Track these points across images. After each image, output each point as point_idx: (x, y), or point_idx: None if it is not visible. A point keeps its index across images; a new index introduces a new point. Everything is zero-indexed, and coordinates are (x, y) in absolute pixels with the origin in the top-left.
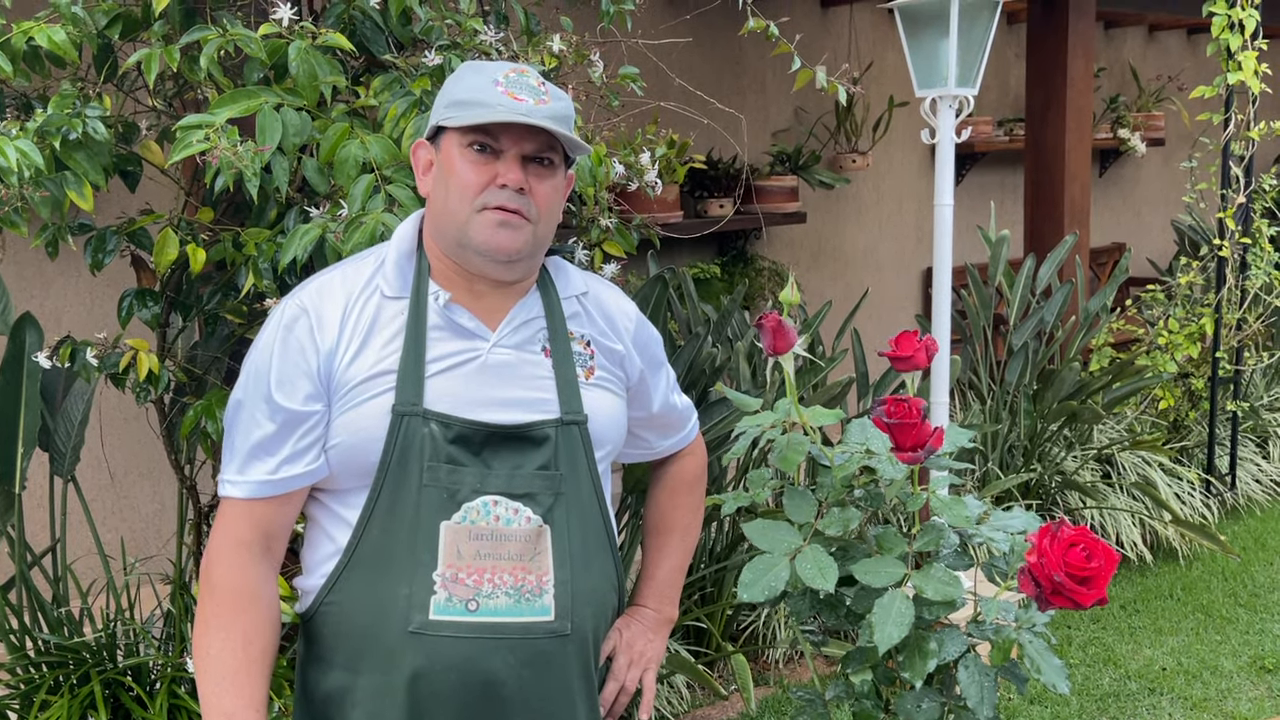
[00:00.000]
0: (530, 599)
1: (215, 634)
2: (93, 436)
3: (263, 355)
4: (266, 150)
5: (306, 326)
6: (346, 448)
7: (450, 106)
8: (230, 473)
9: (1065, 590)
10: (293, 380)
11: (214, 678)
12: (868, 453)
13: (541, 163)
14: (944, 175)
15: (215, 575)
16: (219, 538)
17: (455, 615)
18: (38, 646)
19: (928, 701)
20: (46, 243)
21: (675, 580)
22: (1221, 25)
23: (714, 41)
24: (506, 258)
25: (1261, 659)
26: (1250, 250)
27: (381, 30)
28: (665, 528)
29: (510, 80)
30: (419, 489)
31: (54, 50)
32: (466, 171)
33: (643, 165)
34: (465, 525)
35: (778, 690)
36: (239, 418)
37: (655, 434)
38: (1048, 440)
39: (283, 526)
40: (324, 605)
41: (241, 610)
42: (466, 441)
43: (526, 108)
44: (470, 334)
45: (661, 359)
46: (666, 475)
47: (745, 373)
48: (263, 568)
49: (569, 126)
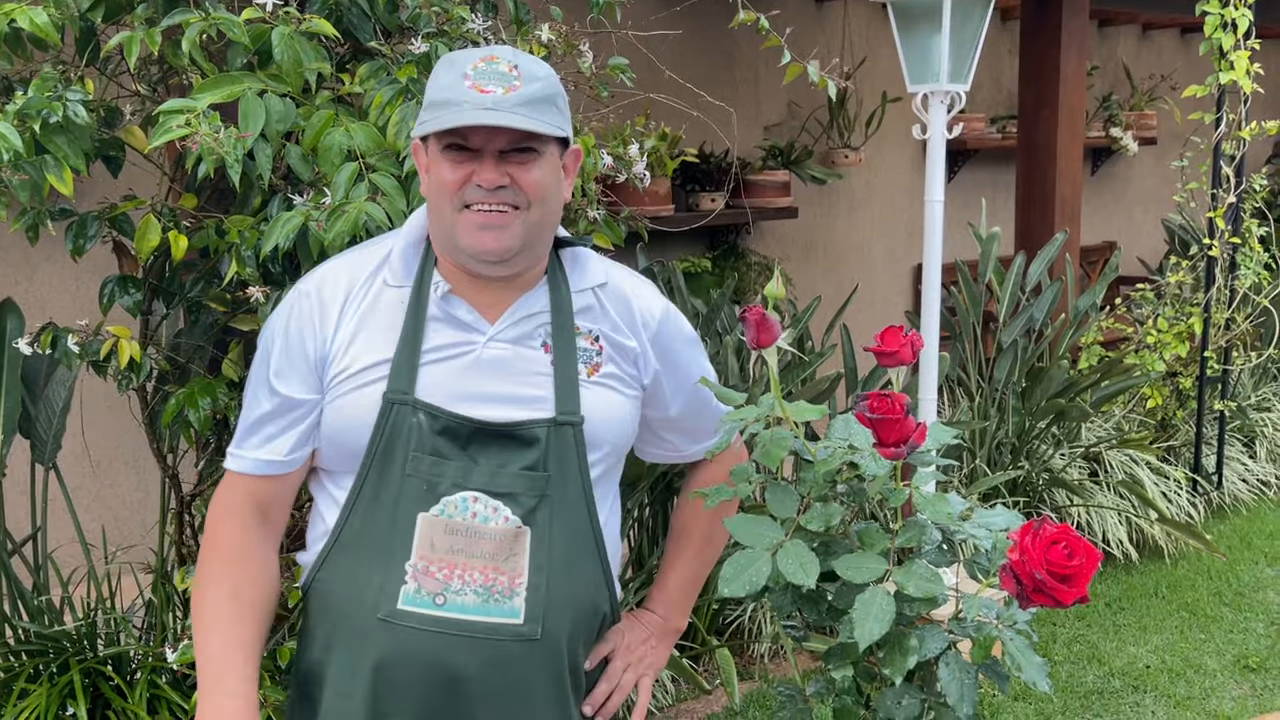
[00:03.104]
0: (499, 600)
1: (209, 586)
2: (76, 424)
3: (270, 337)
4: (249, 136)
5: (308, 310)
6: (337, 431)
7: (427, 109)
8: (233, 444)
9: (1046, 588)
10: (291, 366)
11: (206, 626)
12: (851, 448)
13: (522, 151)
14: (935, 171)
15: (211, 533)
16: (217, 500)
17: (422, 608)
18: (17, 635)
19: (908, 698)
20: (26, 228)
21: (687, 590)
22: (1214, 24)
23: (706, 34)
24: (495, 258)
25: (1245, 658)
26: (1240, 250)
27: (368, 17)
28: (685, 534)
29: (479, 72)
30: (402, 478)
31: (36, 32)
32: (445, 172)
33: (631, 157)
34: (442, 519)
35: (762, 684)
36: (247, 393)
37: (681, 437)
38: (1036, 438)
39: (278, 500)
40: (315, 582)
41: (234, 566)
42: (453, 434)
43: (494, 99)
44: (467, 326)
45: (689, 358)
46: (694, 481)
47: (734, 366)
48: (260, 532)
49: (548, 107)
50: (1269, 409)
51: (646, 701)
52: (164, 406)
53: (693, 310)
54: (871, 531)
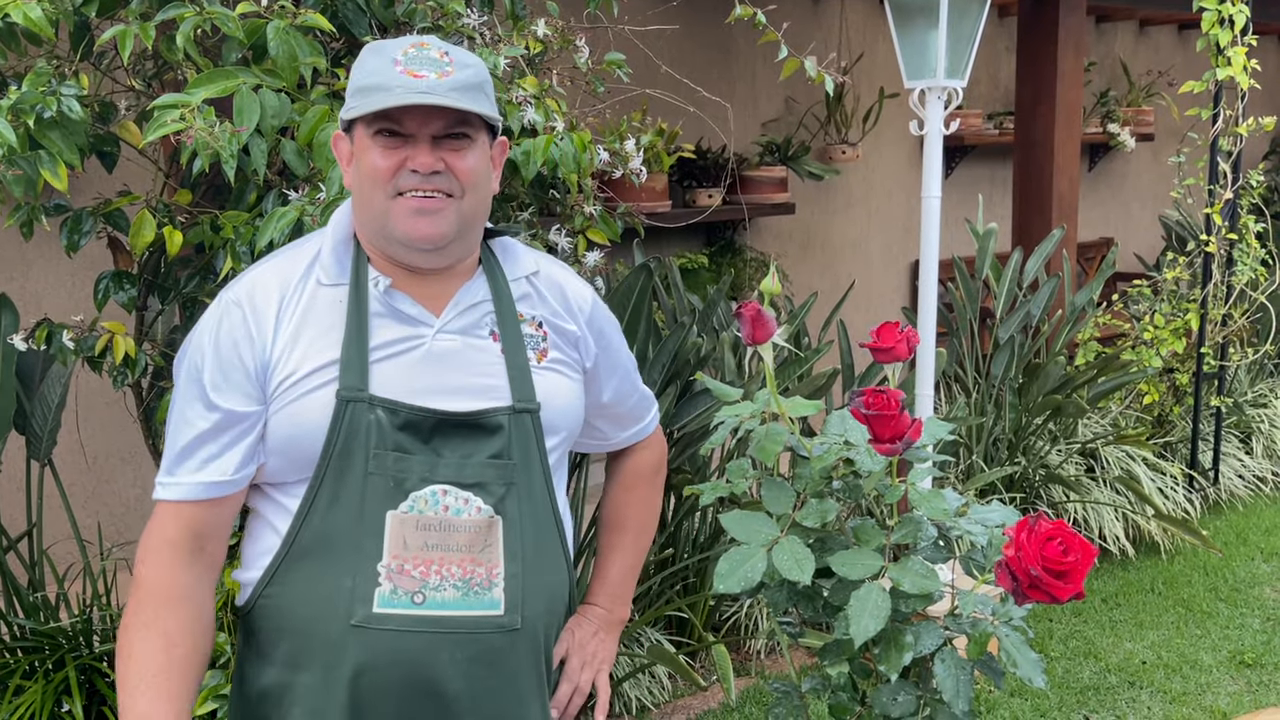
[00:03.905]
0: (479, 592)
1: (136, 633)
2: (72, 420)
3: (197, 353)
4: (244, 131)
5: (240, 320)
6: (288, 440)
7: (353, 95)
8: (161, 474)
9: (1042, 584)
10: (228, 379)
11: (133, 679)
12: (846, 444)
13: (456, 138)
14: (932, 167)
15: (140, 574)
16: (147, 537)
17: (400, 608)
18: (12, 632)
19: (904, 694)
20: (21, 223)
21: (628, 580)
22: (1211, 21)
23: (703, 30)
24: (431, 245)
25: (1241, 654)
26: (1236, 246)
27: (363, 12)
28: (619, 524)
29: (409, 57)
30: (364, 477)
31: (30, 27)
32: (376, 159)
33: (628, 152)
34: (413, 515)
35: (758, 680)
36: (172, 417)
37: (610, 424)
38: (1032, 434)
39: (216, 528)
40: (262, 598)
41: (165, 611)
42: (415, 428)
43: (427, 84)
44: (413, 320)
45: (619, 345)
46: (623, 469)
47: (730, 363)
48: (195, 570)
49: (479, 94)
50: (1265, 405)
51: (606, 696)
52: (159, 403)
53: (689, 306)
54: (867, 528)
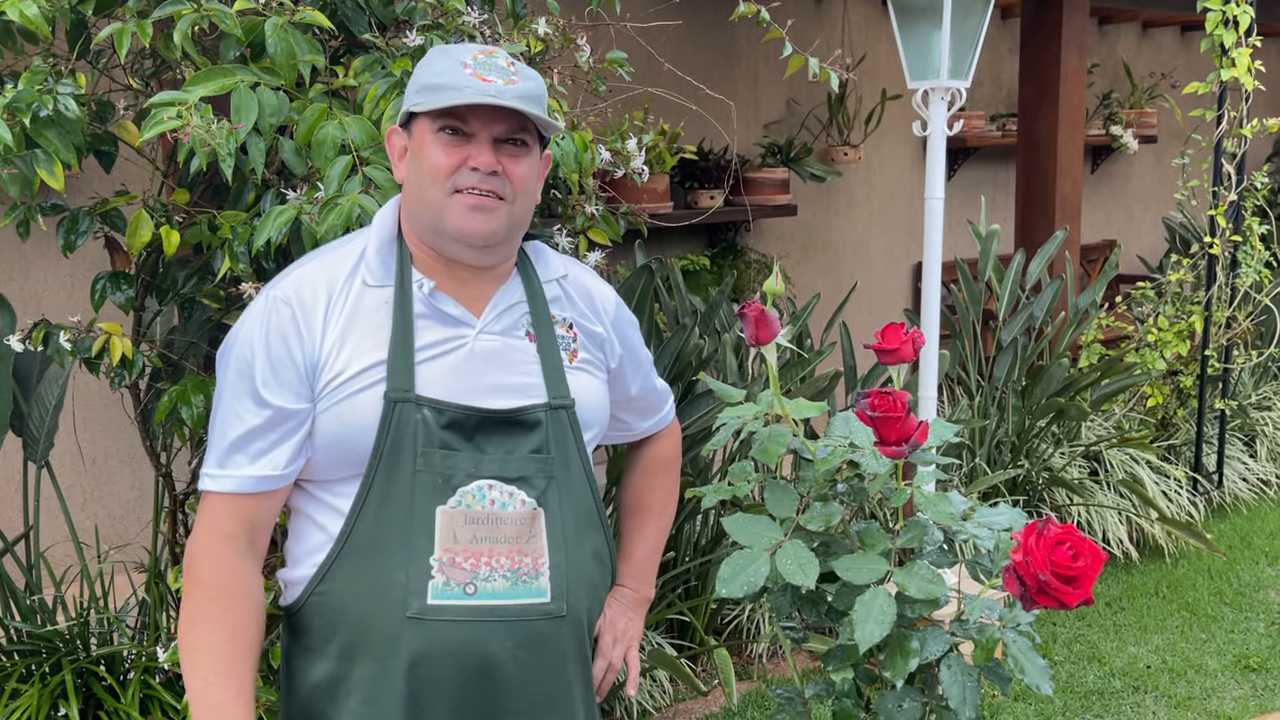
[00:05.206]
0: (527, 581)
1: (203, 626)
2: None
3: (246, 349)
4: (241, 129)
5: (290, 318)
6: (337, 438)
7: (420, 91)
8: (211, 465)
9: (1051, 589)
10: (279, 376)
11: (201, 671)
12: (851, 446)
13: (514, 143)
14: (935, 169)
15: (200, 569)
16: (202, 531)
17: (453, 599)
18: (9, 635)
19: (909, 701)
20: (17, 223)
21: (652, 559)
22: (1215, 21)
23: (706, 30)
24: (482, 242)
25: (1246, 658)
26: (1241, 248)
27: (363, 9)
28: (643, 508)
29: (479, 62)
30: (413, 475)
31: (26, 25)
32: (438, 155)
33: (629, 152)
34: (461, 509)
35: (760, 685)
36: (219, 410)
37: (634, 416)
38: (1035, 436)
39: (266, 519)
40: (314, 595)
41: (229, 604)
42: (460, 427)
43: (495, 89)
44: (456, 321)
45: (639, 343)
46: (644, 457)
47: (732, 365)
48: (249, 561)
49: (540, 106)
50: (1270, 408)
51: (637, 671)
52: (157, 404)
53: (691, 308)
54: (872, 531)
